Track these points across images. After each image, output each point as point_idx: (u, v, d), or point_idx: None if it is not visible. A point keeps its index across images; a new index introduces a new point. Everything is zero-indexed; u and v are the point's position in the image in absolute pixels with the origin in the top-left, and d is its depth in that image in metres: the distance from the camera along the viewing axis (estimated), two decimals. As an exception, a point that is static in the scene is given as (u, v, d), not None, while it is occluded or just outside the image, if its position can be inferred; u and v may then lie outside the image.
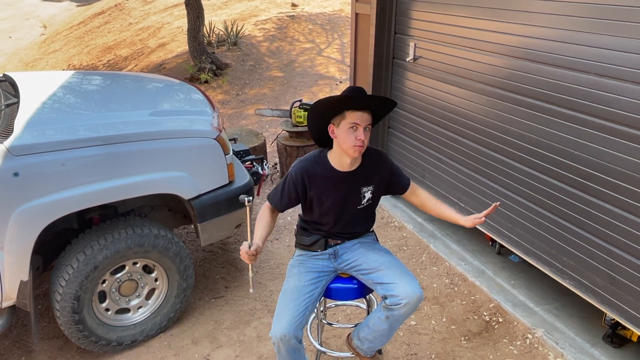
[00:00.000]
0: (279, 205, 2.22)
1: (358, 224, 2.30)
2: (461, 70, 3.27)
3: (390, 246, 3.72)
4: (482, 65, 3.09)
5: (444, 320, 2.98)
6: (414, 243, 3.75)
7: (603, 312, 2.58)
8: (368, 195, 2.22)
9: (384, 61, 4.00)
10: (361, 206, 2.23)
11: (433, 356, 2.72)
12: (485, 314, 3.00)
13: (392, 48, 3.96)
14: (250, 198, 2.12)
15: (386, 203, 4.27)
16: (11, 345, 2.95)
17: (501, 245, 3.37)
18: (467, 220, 2.17)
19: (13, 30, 15.22)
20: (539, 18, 2.67)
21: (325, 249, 2.28)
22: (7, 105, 2.70)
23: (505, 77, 2.92)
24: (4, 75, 3.28)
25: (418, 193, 2.31)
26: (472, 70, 3.17)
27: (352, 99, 2.02)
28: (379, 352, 2.73)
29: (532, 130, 2.79)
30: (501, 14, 2.89)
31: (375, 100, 2.12)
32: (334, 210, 2.21)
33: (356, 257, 2.26)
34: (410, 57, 3.72)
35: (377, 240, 2.43)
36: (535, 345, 2.73)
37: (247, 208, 2.08)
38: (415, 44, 3.68)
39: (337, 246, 2.30)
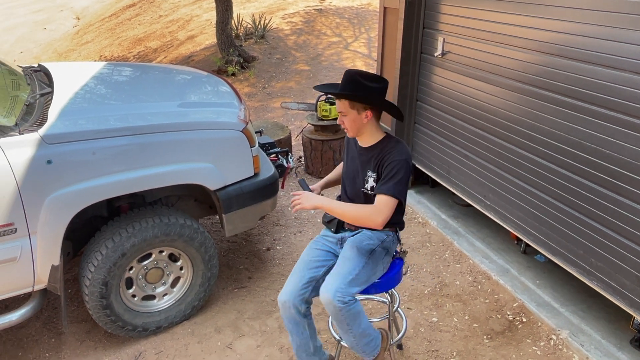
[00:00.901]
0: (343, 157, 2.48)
1: None
2: (490, 66, 3.22)
3: (413, 242, 3.71)
4: (512, 61, 3.04)
5: (466, 318, 2.95)
6: (437, 240, 3.73)
7: (631, 315, 2.53)
8: (371, 181, 2.21)
9: (412, 56, 3.97)
10: (365, 190, 2.24)
11: (454, 354, 2.70)
12: (508, 313, 2.97)
13: (420, 43, 3.92)
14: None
15: (410, 199, 4.25)
16: (42, 327, 3.05)
17: (527, 245, 3.32)
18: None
19: (48, 21, 15.60)
20: (572, 13, 2.60)
21: (336, 232, 2.36)
22: (42, 95, 2.77)
23: (536, 73, 2.87)
24: (39, 65, 3.37)
25: (376, 207, 2.10)
26: (501, 66, 3.12)
27: (332, 89, 2.22)
28: (399, 347, 2.74)
29: (563, 128, 2.73)
30: (533, 8, 2.83)
31: (336, 91, 2.17)
32: (347, 179, 2.35)
33: (341, 252, 2.28)
34: (438, 52, 3.68)
35: (387, 252, 2.28)
36: (560, 347, 2.69)
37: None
38: (443, 39, 3.63)
39: (346, 233, 2.34)
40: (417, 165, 4.22)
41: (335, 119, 4.60)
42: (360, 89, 2.12)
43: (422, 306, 3.06)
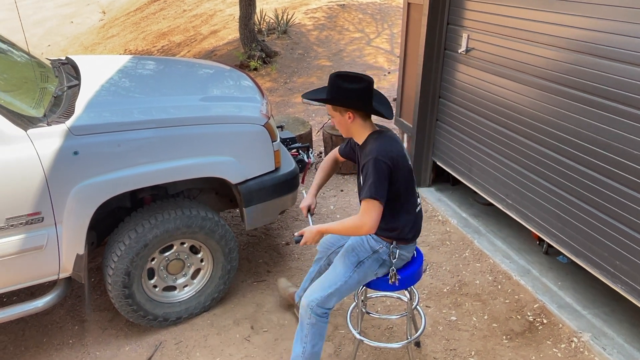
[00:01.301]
0: (340, 149, 2.51)
1: None
2: (516, 63, 3.17)
3: (432, 240, 3.68)
4: (538, 59, 2.99)
5: (485, 317, 2.93)
6: (457, 238, 3.70)
7: (656, 320, 2.48)
8: (362, 177, 2.17)
9: (435, 52, 3.93)
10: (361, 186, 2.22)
11: (473, 353, 2.68)
12: (529, 314, 2.93)
13: (444, 39, 3.88)
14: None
15: (430, 196, 4.22)
16: (65, 315, 3.13)
17: (549, 245, 3.28)
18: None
19: (74, 15, 15.87)
20: (601, 10, 2.55)
21: None
22: (69, 87, 2.83)
23: (563, 71, 2.82)
24: (67, 58, 3.43)
25: (360, 213, 2.10)
26: (527, 63, 3.07)
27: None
28: (417, 345, 2.73)
29: (590, 128, 2.68)
30: (560, 5, 2.78)
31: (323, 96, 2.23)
32: (358, 173, 2.34)
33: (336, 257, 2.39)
34: (462, 49, 3.64)
35: (383, 263, 2.27)
36: (581, 350, 2.65)
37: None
38: (468, 35, 3.59)
39: None
40: (438, 163, 4.19)
41: (357, 115, 4.59)
42: (339, 92, 2.13)
43: (441, 304, 3.05)
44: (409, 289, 2.39)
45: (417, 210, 2.26)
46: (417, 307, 2.55)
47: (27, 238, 2.38)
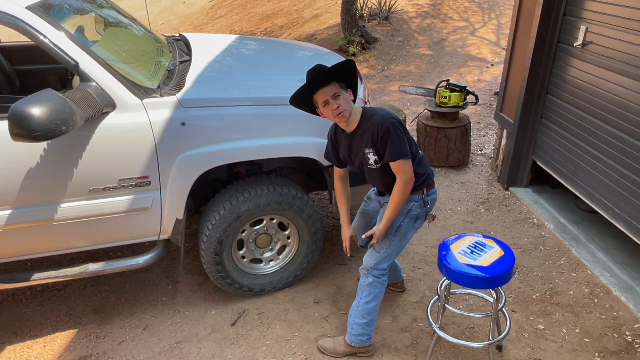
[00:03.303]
0: (331, 161, 2.58)
1: (380, 183, 2.45)
2: (640, 61, 2.89)
3: (524, 243, 3.50)
4: (668, 56, 2.70)
5: (577, 331, 2.75)
6: (552, 244, 3.48)
7: None
8: (372, 156, 2.32)
9: (547, 45, 3.68)
10: (372, 166, 2.35)
11: (559, 365, 2.54)
12: (627, 333, 2.71)
13: (559, 31, 3.62)
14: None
15: (526, 197, 4.01)
16: (161, 274, 3.37)
17: (659, 262, 2.99)
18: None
19: (187, -5, 16.75)
20: None
21: (379, 195, 2.61)
22: (181, 62, 3.00)
23: (697, 71, 2.52)
24: (180, 35, 3.64)
25: (398, 175, 2.29)
26: (654, 61, 2.79)
27: (306, 87, 2.25)
28: (499, 348, 2.63)
29: None
30: (703, -3, 2.48)
31: (322, 74, 2.21)
32: (352, 163, 2.47)
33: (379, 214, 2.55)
34: (578, 42, 3.37)
35: (417, 218, 2.44)
36: (686, 380, 2.41)
37: None
38: (586, 28, 3.32)
39: (382, 197, 2.58)
40: (538, 162, 3.95)
41: (455, 106, 4.45)
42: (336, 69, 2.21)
43: (528, 311, 2.90)
44: (496, 289, 2.30)
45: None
46: (503, 309, 2.45)
47: (135, 199, 2.59)
